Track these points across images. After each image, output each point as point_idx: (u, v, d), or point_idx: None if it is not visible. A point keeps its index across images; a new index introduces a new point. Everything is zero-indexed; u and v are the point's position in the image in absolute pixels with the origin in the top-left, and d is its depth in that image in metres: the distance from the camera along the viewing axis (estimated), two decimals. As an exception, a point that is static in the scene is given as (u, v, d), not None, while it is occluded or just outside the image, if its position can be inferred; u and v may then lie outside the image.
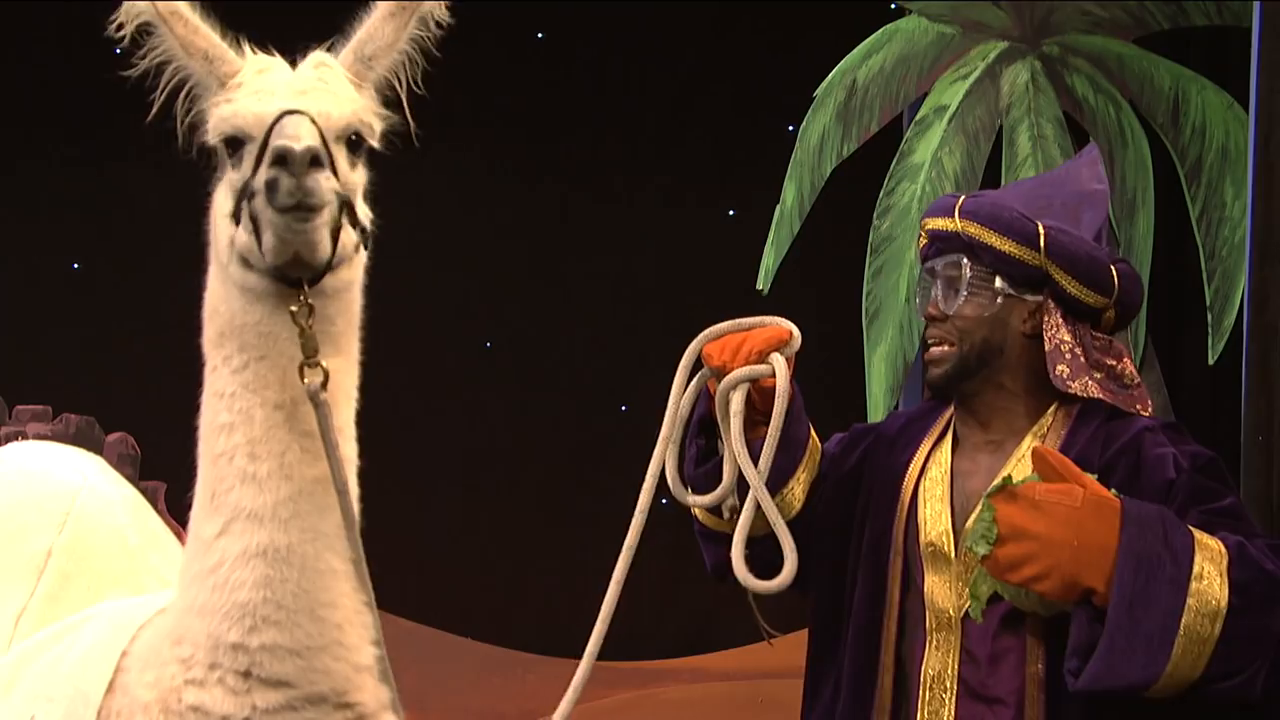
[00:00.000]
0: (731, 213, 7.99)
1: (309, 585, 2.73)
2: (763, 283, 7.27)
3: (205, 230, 2.86)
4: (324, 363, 2.69)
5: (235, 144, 2.71)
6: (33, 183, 7.63)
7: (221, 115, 2.73)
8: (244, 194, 2.68)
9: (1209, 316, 6.79)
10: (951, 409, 3.41)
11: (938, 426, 3.42)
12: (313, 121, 2.66)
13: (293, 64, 2.82)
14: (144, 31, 2.77)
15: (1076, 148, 7.10)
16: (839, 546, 3.39)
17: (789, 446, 3.32)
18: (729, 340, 3.31)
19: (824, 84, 7.33)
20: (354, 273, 2.80)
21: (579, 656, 3.22)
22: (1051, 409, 3.32)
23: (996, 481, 3.08)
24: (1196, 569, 2.98)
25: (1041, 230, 3.32)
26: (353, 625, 2.77)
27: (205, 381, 2.79)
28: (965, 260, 3.31)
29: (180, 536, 3.48)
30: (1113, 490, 3.07)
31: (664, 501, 3.39)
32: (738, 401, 3.25)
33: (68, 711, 2.83)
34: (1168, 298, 7.04)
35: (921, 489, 3.34)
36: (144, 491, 3.52)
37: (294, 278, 2.68)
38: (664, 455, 3.28)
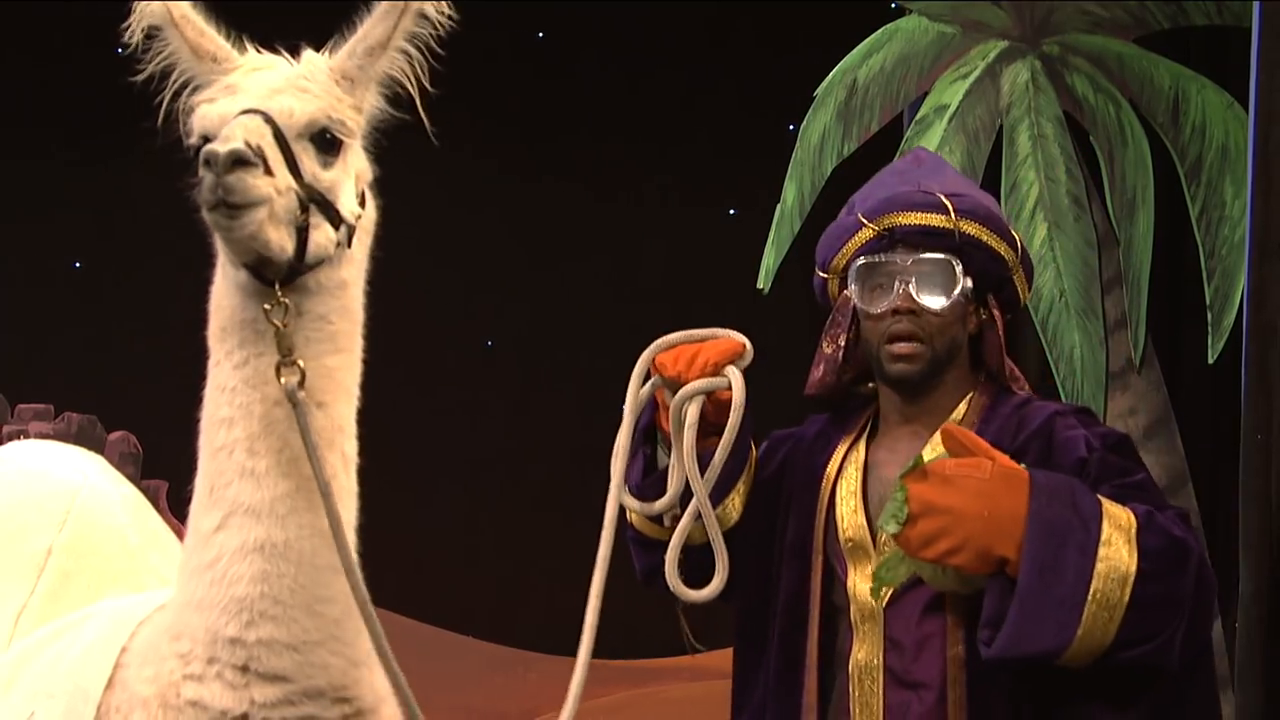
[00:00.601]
0: (732, 212, 8.00)
1: (306, 580, 2.75)
2: (763, 282, 7.27)
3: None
4: (301, 362, 2.72)
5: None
6: (35, 183, 7.66)
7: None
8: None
9: (1209, 315, 6.78)
10: (872, 408, 3.45)
11: (855, 426, 3.45)
12: (267, 120, 2.70)
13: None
14: (152, 34, 2.81)
15: (1077, 146, 7.10)
16: (762, 552, 3.41)
17: (734, 459, 3.31)
18: (682, 351, 3.32)
19: (824, 83, 7.31)
20: (346, 271, 2.83)
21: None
22: (967, 398, 3.38)
23: (909, 463, 3.10)
24: (1105, 535, 3.01)
25: (1013, 232, 3.42)
26: (350, 619, 2.78)
27: (208, 375, 2.82)
28: (955, 260, 3.33)
29: (181, 535, 3.50)
30: (1023, 465, 3.11)
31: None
32: (693, 414, 3.25)
33: (68, 708, 2.84)
34: (1167, 296, 7.04)
35: (838, 487, 3.38)
36: (146, 490, 3.55)
37: (267, 277, 2.72)
38: (624, 467, 3.30)
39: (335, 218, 2.77)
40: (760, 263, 7.31)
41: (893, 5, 7.42)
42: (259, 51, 2.88)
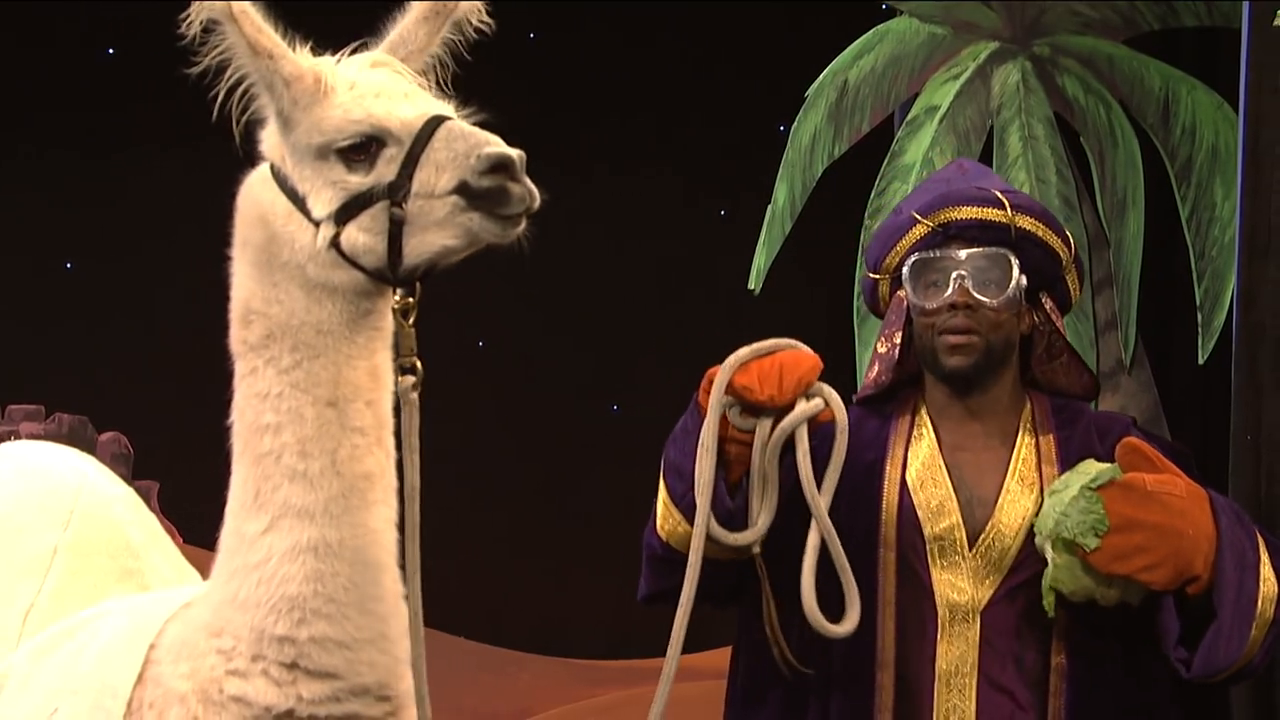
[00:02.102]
0: (723, 213, 8.00)
1: (359, 579, 2.77)
2: (754, 282, 7.29)
3: (226, 233, 2.87)
4: (419, 363, 2.77)
5: (362, 147, 2.74)
6: (25, 183, 7.64)
7: (351, 118, 2.74)
8: (380, 197, 2.71)
9: (1199, 316, 6.81)
10: (914, 404, 3.40)
11: (902, 424, 3.39)
12: None
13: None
14: (210, 28, 2.76)
15: (1067, 147, 7.13)
16: (792, 550, 3.24)
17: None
18: (762, 369, 3.19)
19: (815, 84, 7.35)
20: None
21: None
22: (1027, 404, 3.37)
23: (1092, 474, 3.09)
24: (1263, 557, 3.10)
25: (1068, 232, 3.41)
26: (396, 618, 2.81)
27: (239, 383, 2.81)
28: (1011, 254, 3.30)
29: (174, 535, 3.50)
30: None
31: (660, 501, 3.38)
32: (806, 442, 3.16)
33: (94, 703, 2.85)
34: (1158, 297, 7.06)
35: (911, 484, 3.32)
36: (137, 491, 3.53)
37: (418, 277, 2.76)
38: (708, 501, 3.15)
39: None
40: (751, 263, 7.33)
41: (884, 6, 7.44)
42: (314, 53, 2.85)
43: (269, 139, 2.84)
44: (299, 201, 2.78)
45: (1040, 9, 7.20)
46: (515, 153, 2.69)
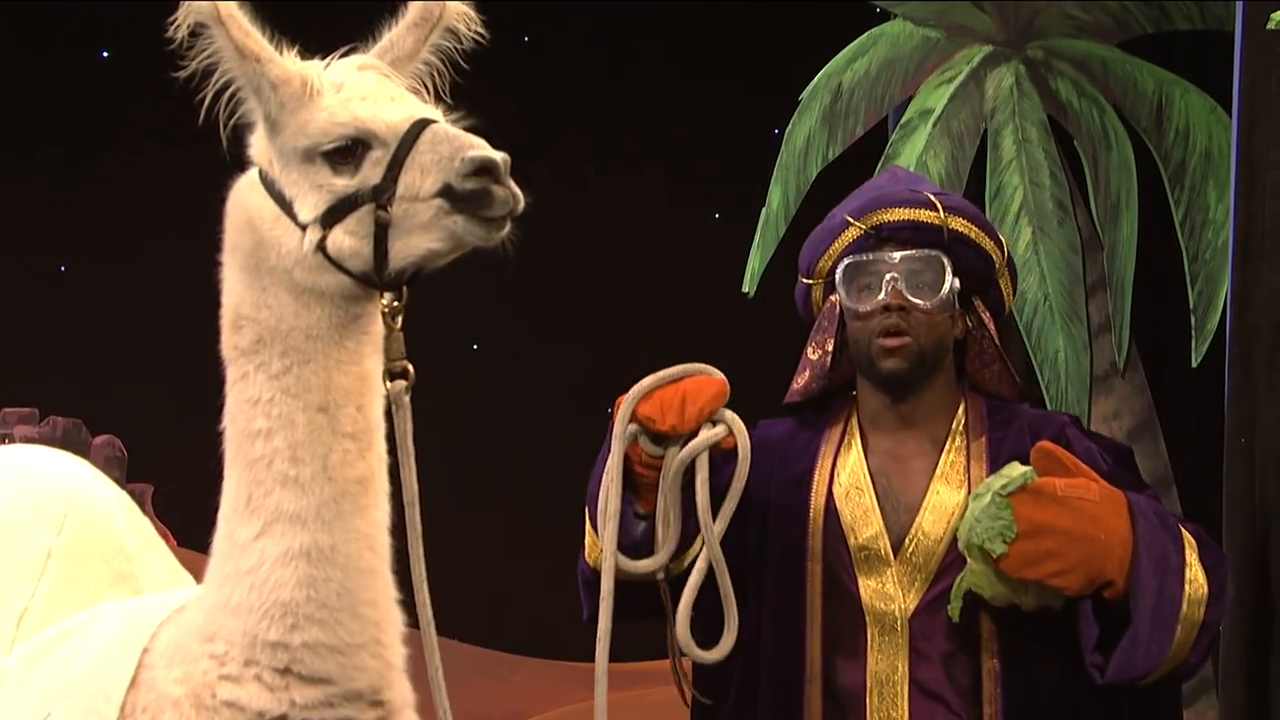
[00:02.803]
0: (717, 215, 8.02)
1: (351, 584, 2.77)
2: (748, 285, 7.29)
3: (219, 237, 2.87)
4: (409, 366, 2.77)
5: (348, 150, 2.74)
6: (19, 186, 7.65)
7: (337, 120, 2.75)
8: (365, 200, 2.71)
9: (1192, 319, 6.80)
10: (846, 413, 3.40)
11: (834, 433, 3.39)
12: None
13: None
14: (198, 31, 2.77)
15: (1061, 151, 7.13)
16: (730, 561, 3.24)
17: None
18: (665, 398, 3.20)
19: (809, 88, 7.34)
20: None
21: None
22: (960, 407, 3.36)
23: (1008, 480, 3.07)
24: (1188, 559, 3.06)
25: (1000, 235, 3.42)
26: (390, 623, 2.82)
27: (230, 389, 2.81)
28: (944, 256, 3.31)
29: (168, 539, 3.51)
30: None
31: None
32: (704, 471, 3.16)
33: (88, 707, 2.85)
34: (1151, 300, 7.05)
35: (837, 493, 3.31)
36: (131, 494, 3.53)
37: (405, 280, 2.75)
38: (615, 531, 3.17)
39: None
40: (745, 266, 7.33)
41: (877, 10, 7.44)
42: (303, 56, 2.85)
43: (257, 143, 2.85)
44: (286, 205, 2.77)
45: (1034, 12, 7.19)
46: (499, 155, 2.69)
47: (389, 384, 2.77)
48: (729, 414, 3.20)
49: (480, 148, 2.70)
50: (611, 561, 3.14)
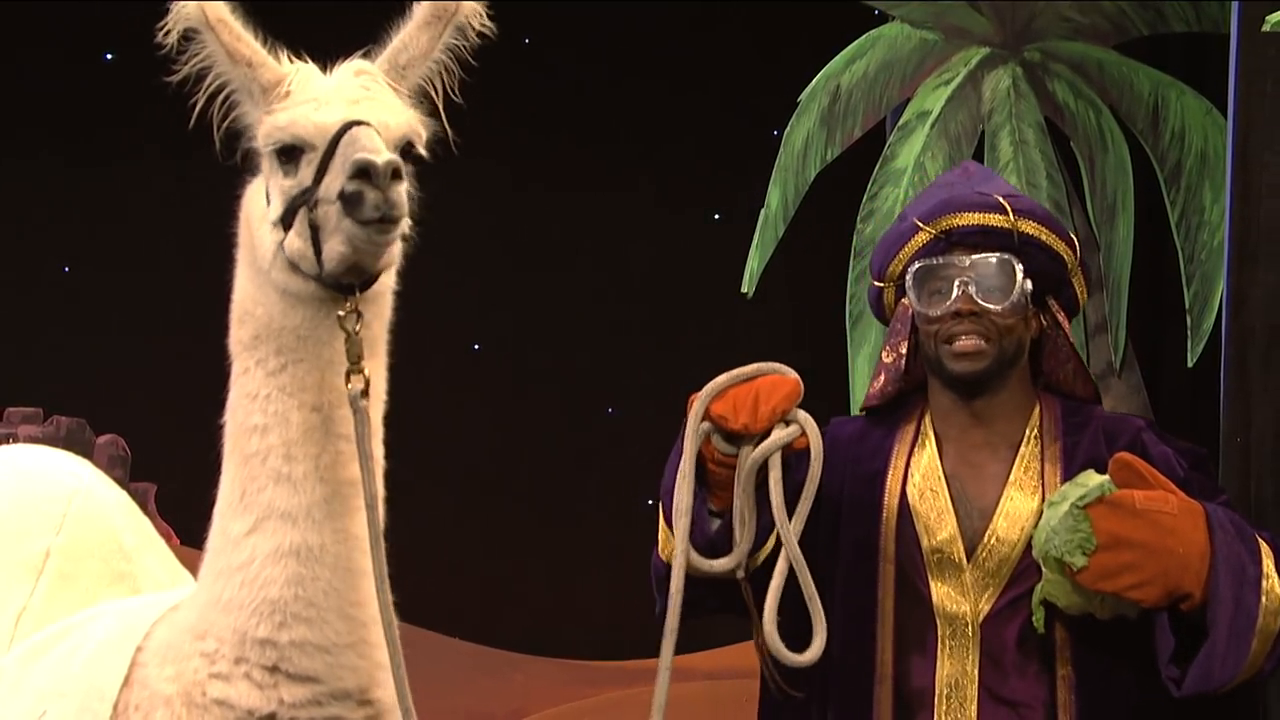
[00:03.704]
0: (716, 216, 8.02)
1: (340, 584, 2.78)
2: (747, 286, 7.30)
3: (233, 232, 2.89)
4: (367, 370, 2.73)
5: (290, 152, 2.75)
6: (23, 187, 7.65)
7: (277, 124, 2.76)
8: (301, 202, 2.72)
9: (1188, 319, 6.82)
10: (919, 413, 3.38)
11: (906, 432, 3.37)
12: (377, 133, 2.70)
13: (324, 69, 2.86)
14: (189, 36, 2.78)
15: (1057, 152, 7.14)
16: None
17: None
18: (738, 397, 3.18)
19: (808, 89, 7.36)
20: (392, 277, 2.86)
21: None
22: (1036, 409, 3.34)
23: (1085, 492, 3.05)
24: (1265, 569, 3.04)
25: (1072, 235, 3.38)
26: (377, 624, 2.80)
27: (233, 383, 2.82)
28: (1015, 260, 3.27)
29: (170, 538, 3.52)
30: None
31: (649, 502, 3.40)
32: (778, 470, 3.16)
33: (82, 706, 2.86)
34: (1148, 300, 7.07)
35: (911, 495, 3.29)
36: (134, 493, 3.54)
37: (345, 283, 2.73)
38: (687, 527, 3.16)
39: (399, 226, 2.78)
40: (744, 266, 7.35)
41: (875, 12, 7.46)
42: (293, 60, 2.86)
43: None
44: (266, 206, 2.80)
45: (1031, 15, 7.21)
46: (383, 159, 2.63)
47: (349, 386, 2.74)
48: (802, 414, 3.19)
49: (370, 151, 2.65)
50: (683, 559, 3.12)
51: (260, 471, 2.78)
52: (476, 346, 8.07)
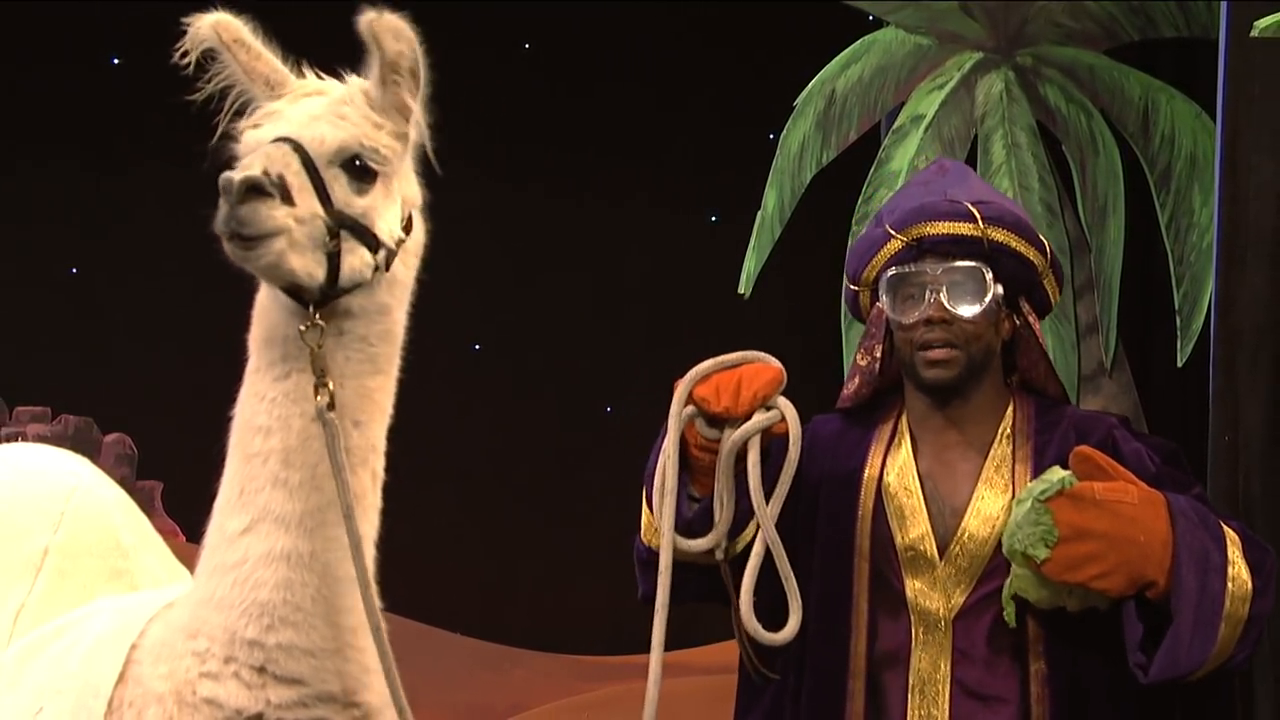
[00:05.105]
0: (714, 218, 8.05)
1: (328, 591, 2.79)
2: (744, 287, 7.33)
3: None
4: (331, 384, 2.74)
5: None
6: (31, 190, 7.67)
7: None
8: None
9: (1178, 319, 6.83)
10: (896, 412, 3.41)
11: (884, 431, 3.40)
12: (296, 148, 2.70)
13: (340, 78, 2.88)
14: (209, 55, 2.82)
15: (1049, 155, 7.17)
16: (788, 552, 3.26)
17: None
18: (721, 382, 3.22)
19: (804, 94, 7.39)
20: (387, 295, 2.85)
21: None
22: (1010, 408, 3.37)
23: (1046, 486, 3.09)
24: (1230, 556, 3.06)
25: (1042, 239, 3.40)
26: (365, 629, 2.82)
27: (245, 377, 2.84)
28: (985, 267, 3.30)
29: (175, 535, 3.54)
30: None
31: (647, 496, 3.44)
32: (756, 453, 3.19)
33: (77, 702, 2.87)
34: (1138, 301, 7.09)
35: (886, 493, 3.33)
36: (141, 490, 3.56)
37: (303, 298, 2.74)
38: (673, 508, 3.19)
39: (372, 242, 2.78)
40: (741, 268, 7.38)
41: (870, 18, 7.49)
42: (319, 75, 2.89)
43: None
44: None
45: (1023, 20, 7.23)
46: (239, 177, 2.63)
47: (316, 398, 2.75)
48: (783, 400, 3.22)
49: (243, 168, 2.66)
50: (669, 536, 3.16)
51: (260, 472, 2.79)
52: (477, 347, 8.10)
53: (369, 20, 2.76)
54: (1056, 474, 3.12)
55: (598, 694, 7.72)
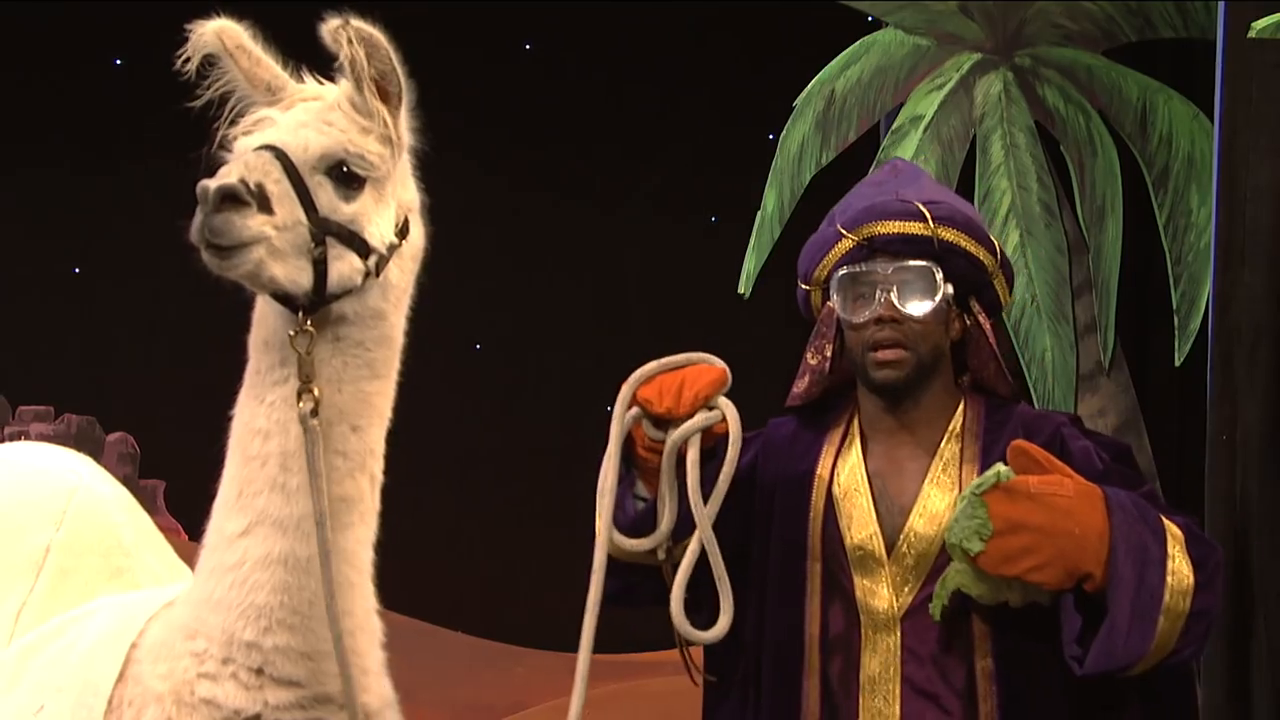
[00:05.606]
0: (714, 219, 8.06)
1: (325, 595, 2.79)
2: (744, 287, 7.34)
3: None
4: (316, 390, 2.74)
5: None
6: (33, 190, 7.69)
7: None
8: None
9: (1175, 319, 6.83)
10: (848, 414, 3.42)
11: (835, 433, 3.41)
12: (278, 156, 2.71)
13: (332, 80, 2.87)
14: (210, 60, 2.82)
15: (1048, 156, 7.17)
16: (735, 554, 3.29)
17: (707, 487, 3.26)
18: (665, 383, 3.26)
19: (803, 94, 7.39)
20: (382, 299, 2.85)
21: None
22: (960, 407, 3.38)
23: (983, 480, 3.09)
24: (1170, 550, 3.06)
25: (991, 237, 3.42)
26: (363, 631, 2.86)
27: (246, 380, 2.86)
28: (935, 267, 3.31)
29: (178, 534, 3.56)
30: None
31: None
32: (694, 453, 3.21)
33: (78, 701, 2.89)
34: (1136, 301, 7.08)
35: (836, 494, 3.34)
36: (144, 489, 3.57)
37: (293, 305, 2.74)
38: (611, 507, 3.23)
39: (362, 248, 2.77)
40: (741, 268, 7.39)
41: (869, 19, 7.50)
42: (319, 81, 2.89)
43: None
44: None
45: (1022, 21, 7.23)
46: (214, 186, 2.63)
47: (299, 403, 2.75)
48: (724, 400, 3.25)
49: (221, 176, 2.66)
50: (606, 535, 3.20)
51: (258, 475, 2.80)
52: (478, 346, 8.11)
53: (330, 28, 2.76)
54: (994, 469, 3.12)
55: (598, 691, 7.74)
